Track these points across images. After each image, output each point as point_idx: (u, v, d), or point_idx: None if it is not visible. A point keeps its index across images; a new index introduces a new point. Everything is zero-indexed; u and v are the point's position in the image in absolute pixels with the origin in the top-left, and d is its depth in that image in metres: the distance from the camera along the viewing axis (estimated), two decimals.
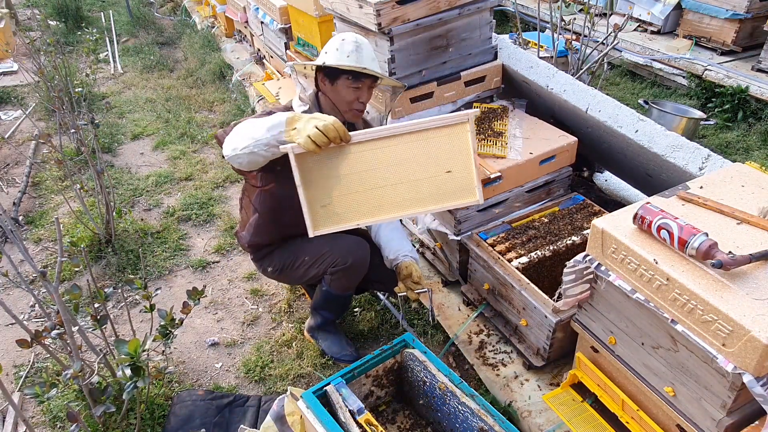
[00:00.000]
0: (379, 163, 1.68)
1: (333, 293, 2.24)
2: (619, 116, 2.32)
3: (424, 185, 1.72)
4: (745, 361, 1.29)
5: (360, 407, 1.71)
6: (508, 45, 2.90)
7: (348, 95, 2.01)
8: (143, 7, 7.83)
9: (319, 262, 2.17)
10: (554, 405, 2.00)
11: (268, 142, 1.69)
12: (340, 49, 1.97)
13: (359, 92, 2.01)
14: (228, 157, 1.79)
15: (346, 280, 2.19)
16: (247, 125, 1.76)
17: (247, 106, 4.77)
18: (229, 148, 1.76)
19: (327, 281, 2.21)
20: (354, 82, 1.98)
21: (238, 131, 1.77)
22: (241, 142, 1.73)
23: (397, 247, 2.27)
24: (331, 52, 1.99)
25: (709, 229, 1.49)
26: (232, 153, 1.76)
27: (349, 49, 1.96)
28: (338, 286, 2.21)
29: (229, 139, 1.78)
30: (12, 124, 4.73)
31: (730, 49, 4.57)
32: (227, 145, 1.78)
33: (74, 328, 1.87)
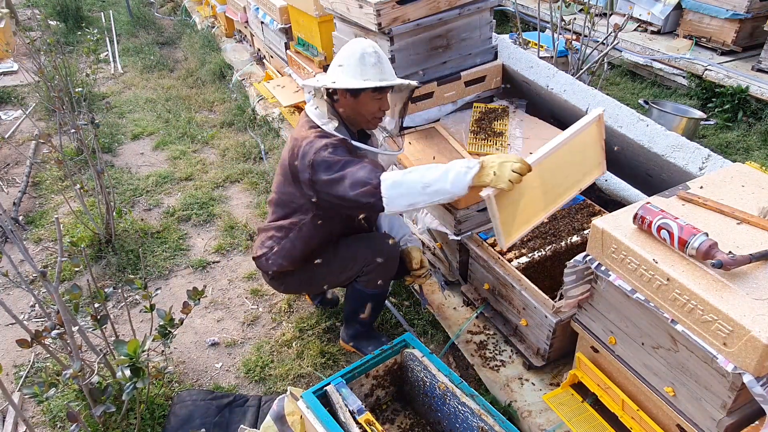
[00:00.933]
0: (546, 173, 1.88)
1: (369, 292, 2.23)
2: (619, 116, 2.32)
3: (573, 172, 2.00)
4: (745, 361, 1.29)
5: (360, 407, 1.71)
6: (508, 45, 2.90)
7: (372, 107, 2.01)
8: (143, 7, 7.83)
9: (351, 265, 2.17)
10: (554, 405, 2.00)
11: (455, 194, 1.76)
12: (362, 62, 1.94)
13: (381, 102, 2.02)
14: (397, 211, 1.84)
15: (381, 276, 2.19)
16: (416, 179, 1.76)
17: (247, 106, 4.77)
18: (404, 204, 1.80)
19: (362, 282, 2.21)
20: (378, 94, 1.99)
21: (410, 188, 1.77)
22: (423, 197, 1.77)
23: (398, 233, 2.33)
24: (351, 67, 1.95)
25: (709, 229, 1.49)
26: (407, 209, 1.82)
27: (372, 62, 1.94)
28: (373, 285, 2.21)
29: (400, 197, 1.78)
30: (12, 124, 4.73)
31: (730, 49, 4.57)
32: (398, 203, 1.79)
33: (74, 328, 1.87)
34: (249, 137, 4.39)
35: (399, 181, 1.77)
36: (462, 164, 1.74)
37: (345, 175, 1.84)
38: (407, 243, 2.35)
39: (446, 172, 1.74)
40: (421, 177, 1.77)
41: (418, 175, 1.77)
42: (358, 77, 1.94)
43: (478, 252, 2.34)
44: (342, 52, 2.00)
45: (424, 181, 1.76)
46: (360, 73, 1.94)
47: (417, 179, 1.77)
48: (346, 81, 1.95)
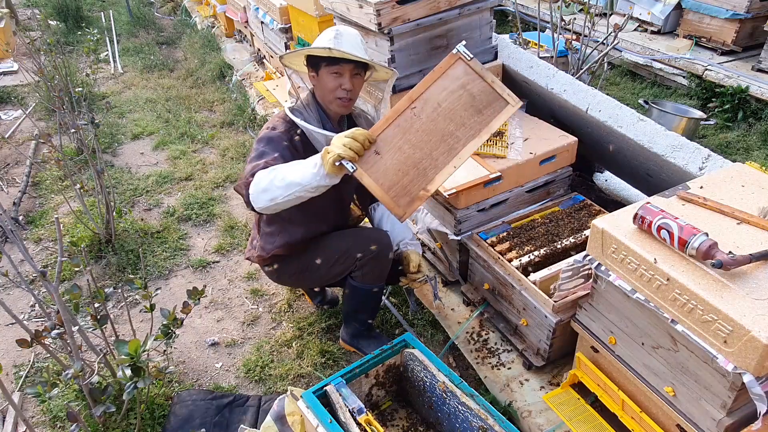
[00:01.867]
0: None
1: (364, 288, 2.23)
2: (619, 116, 2.32)
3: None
4: (745, 361, 1.29)
5: (360, 407, 1.71)
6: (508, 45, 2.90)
7: (329, 82, 1.97)
8: (143, 7, 7.83)
9: (343, 258, 2.16)
10: (554, 405, 2.00)
11: (311, 184, 1.74)
12: (321, 38, 1.99)
13: (341, 79, 1.97)
14: (263, 208, 1.82)
15: (376, 269, 2.18)
16: (278, 175, 1.77)
17: (247, 106, 4.77)
18: (265, 200, 1.79)
19: (356, 278, 2.20)
20: (333, 68, 1.95)
21: (270, 183, 1.77)
22: (281, 191, 1.77)
23: (400, 236, 2.32)
24: (314, 44, 2.00)
25: (709, 229, 1.49)
26: (270, 204, 1.80)
27: (329, 37, 1.96)
28: (369, 279, 2.20)
29: (262, 192, 1.79)
30: (12, 124, 4.73)
31: (730, 49, 4.57)
32: (261, 198, 1.80)
33: (74, 328, 1.87)
34: (249, 137, 4.39)
35: (261, 177, 1.79)
36: (310, 158, 1.76)
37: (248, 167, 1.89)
38: (407, 246, 2.33)
39: (301, 164, 1.77)
40: (279, 172, 1.78)
41: (277, 172, 1.79)
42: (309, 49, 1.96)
43: (478, 252, 2.34)
44: None
45: (281, 175, 1.77)
46: (313, 46, 1.96)
47: (275, 175, 1.78)
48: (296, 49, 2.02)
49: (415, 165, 1.78)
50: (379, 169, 1.75)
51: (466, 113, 1.81)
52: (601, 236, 1.62)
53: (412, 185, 1.78)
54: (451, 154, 1.79)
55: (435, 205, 2.53)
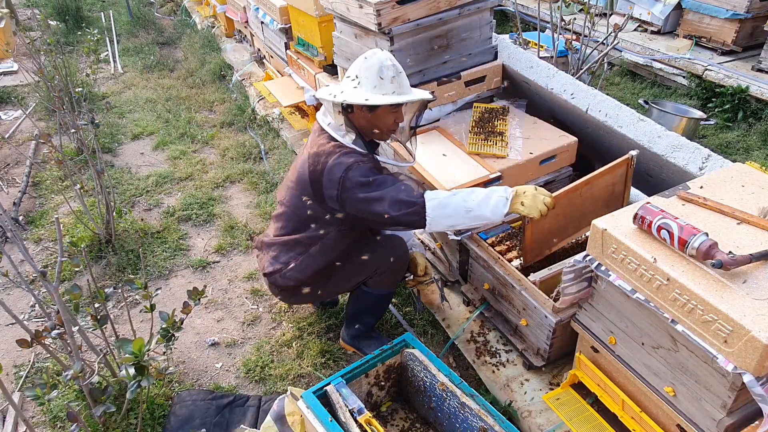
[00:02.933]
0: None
1: (376, 293, 2.24)
2: (619, 116, 2.32)
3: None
4: (746, 361, 1.29)
5: (360, 407, 1.71)
6: (508, 45, 2.90)
7: (388, 121, 2.01)
8: (143, 7, 7.83)
9: (363, 270, 2.17)
10: (554, 405, 2.00)
11: (493, 221, 1.91)
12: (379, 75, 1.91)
13: (397, 115, 2.02)
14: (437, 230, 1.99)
15: (391, 277, 2.21)
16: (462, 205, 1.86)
17: (247, 106, 4.77)
18: (446, 224, 1.91)
19: (371, 284, 2.21)
20: (394, 108, 1.98)
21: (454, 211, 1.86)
22: (465, 221, 1.89)
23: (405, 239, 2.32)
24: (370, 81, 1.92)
25: (709, 229, 1.49)
26: (447, 229, 1.97)
27: (391, 75, 1.92)
28: (383, 285, 2.22)
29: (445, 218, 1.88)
30: (12, 124, 4.73)
31: (730, 49, 4.57)
32: (441, 223, 1.89)
33: (74, 328, 1.87)
34: (249, 137, 4.39)
35: (444, 203, 1.86)
36: (501, 192, 1.87)
37: (384, 194, 1.88)
38: (412, 248, 2.37)
39: (487, 198, 1.86)
40: (464, 201, 1.87)
41: (461, 199, 1.87)
42: (377, 92, 1.92)
43: (478, 252, 2.34)
44: (359, 65, 1.96)
45: (467, 206, 1.86)
46: (379, 88, 1.92)
47: (460, 203, 1.86)
48: (366, 96, 1.92)
49: (558, 230, 2.09)
50: (538, 224, 2.01)
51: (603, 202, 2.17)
52: (601, 236, 1.62)
53: (546, 244, 2.13)
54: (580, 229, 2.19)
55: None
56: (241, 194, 3.71)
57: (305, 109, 4.08)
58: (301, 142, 4.12)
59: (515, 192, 1.87)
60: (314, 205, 2.04)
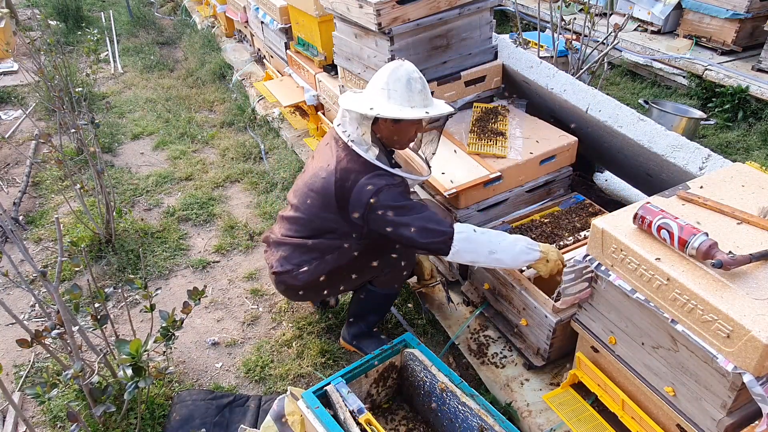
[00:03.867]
0: None
1: (381, 292, 2.24)
2: (619, 116, 2.32)
3: None
4: (746, 361, 1.29)
5: (360, 407, 1.71)
6: (508, 45, 2.90)
7: (411, 132, 2.05)
8: (143, 7, 7.82)
9: (368, 271, 2.17)
10: (554, 405, 2.00)
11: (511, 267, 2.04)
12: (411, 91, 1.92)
13: (419, 127, 2.06)
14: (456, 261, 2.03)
15: (397, 276, 2.22)
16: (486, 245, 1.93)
17: (247, 106, 4.77)
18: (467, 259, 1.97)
19: (377, 283, 2.22)
20: (418, 120, 2.01)
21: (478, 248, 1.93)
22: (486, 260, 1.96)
23: None
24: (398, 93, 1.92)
25: (709, 229, 1.49)
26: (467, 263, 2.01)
27: (418, 89, 1.94)
28: (388, 285, 2.23)
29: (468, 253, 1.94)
30: (12, 124, 4.73)
31: (730, 48, 4.57)
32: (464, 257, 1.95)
33: (74, 328, 1.87)
34: (249, 137, 4.39)
35: (471, 239, 1.92)
36: (527, 245, 1.96)
37: (413, 221, 1.91)
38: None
39: (513, 245, 1.94)
40: (490, 242, 1.93)
41: (488, 239, 1.93)
42: (405, 104, 1.93)
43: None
44: (386, 76, 1.94)
45: (492, 248, 1.93)
46: (407, 100, 1.93)
47: (486, 243, 1.92)
48: (397, 109, 1.92)
49: None
50: None
51: None
52: (601, 236, 1.62)
53: None
54: None
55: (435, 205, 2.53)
56: (241, 194, 3.71)
57: (305, 109, 4.08)
58: (300, 142, 4.12)
59: (541, 251, 1.96)
60: (336, 218, 2.03)
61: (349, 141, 1.99)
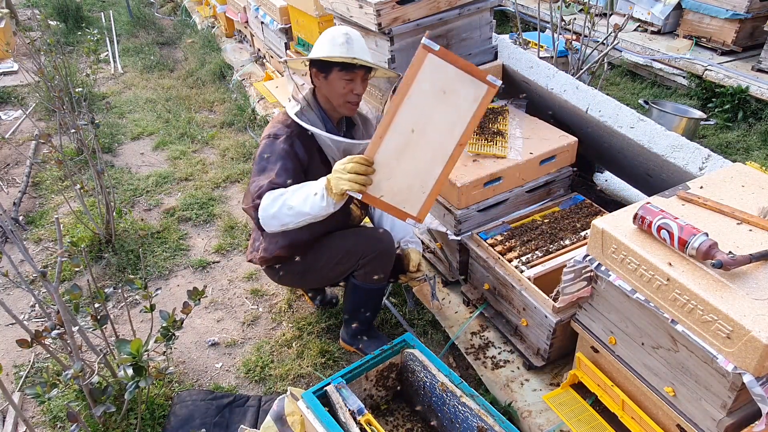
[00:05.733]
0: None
1: (365, 287, 2.23)
2: (619, 116, 2.32)
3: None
4: (746, 361, 1.29)
5: (360, 407, 1.71)
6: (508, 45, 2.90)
7: (341, 88, 2.00)
8: (143, 7, 7.83)
9: (346, 258, 2.17)
10: (554, 405, 2.00)
11: (319, 214, 1.80)
12: (331, 42, 1.98)
13: (352, 84, 2.00)
14: (275, 231, 1.91)
15: (378, 268, 2.19)
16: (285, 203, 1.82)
17: (247, 106, 4.77)
18: (276, 225, 1.87)
19: (358, 277, 2.20)
20: (346, 74, 1.98)
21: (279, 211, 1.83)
22: (290, 218, 1.84)
23: (400, 234, 2.33)
24: (322, 46, 2.00)
25: (709, 229, 1.49)
26: (281, 229, 1.89)
27: (340, 41, 1.96)
28: (371, 278, 2.21)
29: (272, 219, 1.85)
30: (12, 124, 4.73)
31: (730, 49, 4.57)
32: (271, 224, 1.87)
33: (74, 328, 1.87)
34: (249, 137, 4.39)
35: (270, 204, 1.84)
36: (316, 187, 1.78)
37: (254, 182, 1.92)
38: (408, 244, 2.35)
39: (307, 194, 1.80)
40: (287, 200, 1.83)
41: (285, 198, 1.84)
42: (323, 53, 1.96)
43: (478, 252, 2.34)
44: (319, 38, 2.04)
45: (289, 204, 1.82)
46: (327, 52, 1.96)
47: (283, 202, 1.83)
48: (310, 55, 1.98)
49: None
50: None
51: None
52: (601, 236, 1.62)
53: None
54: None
55: (435, 205, 2.53)
56: (241, 194, 3.71)
57: None
58: None
59: (326, 179, 1.75)
60: None
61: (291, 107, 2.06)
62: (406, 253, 2.31)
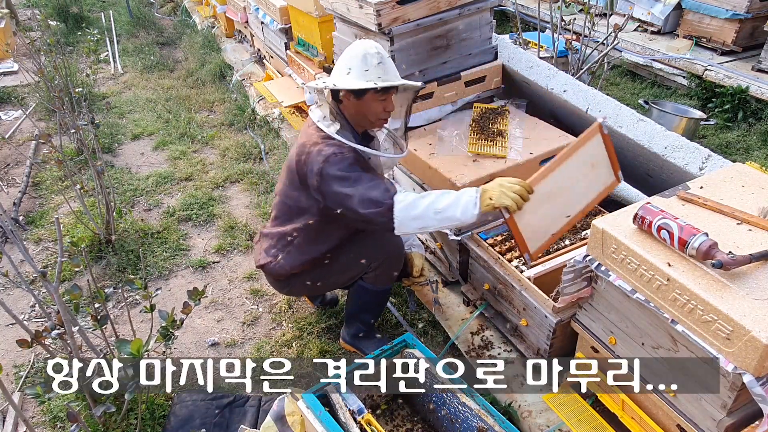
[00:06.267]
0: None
1: (374, 289, 2.24)
2: (619, 116, 2.32)
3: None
4: (746, 361, 1.29)
5: (360, 407, 1.71)
6: (509, 45, 2.91)
7: (376, 108, 2.00)
8: (143, 7, 7.83)
9: (358, 265, 2.17)
10: (554, 405, 2.00)
11: (466, 221, 1.85)
12: (364, 62, 1.93)
13: (386, 103, 2.01)
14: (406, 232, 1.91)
15: (387, 272, 2.20)
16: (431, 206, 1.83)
17: (247, 106, 4.77)
18: (415, 226, 1.88)
19: (367, 280, 2.21)
20: (382, 95, 1.98)
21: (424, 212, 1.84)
22: (435, 222, 1.85)
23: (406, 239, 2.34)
24: (354, 68, 1.94)
25: (709, 229, 1.49)
26: (418, 231, 1.96)
27: (375, 63, 1.93)
28: (379, 281, 2.22)
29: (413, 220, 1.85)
30: (12, 124, 4.73)
31: (730, 49, 4.57)
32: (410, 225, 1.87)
33: (74, 328, 1.87)
34: (249, 137, 4.39)
35: (412, 204, 1.84)
36: (471, 193, 1.83)
37: (355, 191, 1.88)
38: (411, 248, 2.36)
39: (457, 199, 1.83)
40: (433, 203, 1.84)
41: (430, 201, 1.84)
42: (361, 78, 1.93)
43: (478, 252, 2.34)
44: (344, 54, 1.99)
45: (436, 207, 1.83)
46: (362, 74, 1.93)
47: (429, 204, 1.84)
48: (349, 82, 1.94)
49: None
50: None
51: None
52: (601, 236, 1.62)
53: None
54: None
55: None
56: (241, 194, 3.71)
57: (305, 109, 4.08)
58: None
59: (482, 188, 1.83)
60: (300, 194, 2.07)
61: (317, 120, 2.03)
62: (409, 257, 2.33)
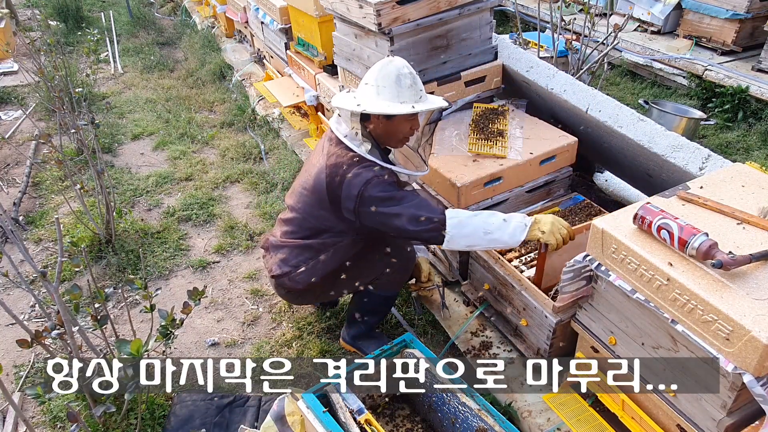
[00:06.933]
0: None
1: (383, 294, 2.24)
2: (619, 116, 2.32)
3: None
4: (746, 361, 1.29)
5: (360, 407, 1.71)
6: (509, 45, 2.90)
7: (405, 128, 2.02)
8: (143, 7, 7.83)
9: (367, 273, 2.17)
10: (554, 405, 2.00)
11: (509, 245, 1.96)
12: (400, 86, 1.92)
13: (413, 123, 2.03)
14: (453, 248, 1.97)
15: (397, 279, 2.22)
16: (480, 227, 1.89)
17: (247, 106, 4.77)
18: (464, 244, 1.94)
19: (377, 286, 2.21)
20: (411, 116, 1.98)
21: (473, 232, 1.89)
22: (482, 242, 1.92)
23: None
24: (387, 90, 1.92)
25: (709, 229, 1.49)
26: (465, 248, 2.02)
27: (408, 84, 1.92)
28: (388, 287, 2.22)
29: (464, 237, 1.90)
30: (12, 124, 4.73)
31: (730, 49, 4.57)
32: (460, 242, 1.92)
33: (74, 328, 1.87)
34: (249, 137, 4.39)
35: (464, 223, 1.89)
36: (520, 219, 1.91)
37: (403, 210, 1.90)
38: (417, 253, 2.37)
39: (507, 223, 1.89)
40: (484, 223, 1.89)
41: (481, 221, 1.89)
42: (395, 100, 1.92)
43: (479, 252, 2.34)
44: (376, 72, 1.95)
45: (486, 228, 1.89)
46: (396, 96, 1.92)
47: (480, 224, 1.88)
48: (384, 105, 1.91)
49: None
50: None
51: None
52: (601, 236, 1.62)
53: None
54: None
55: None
56: (241, 194, 3.71)
57: (305, 109, 4.08)
58: (300, 142, 4.12)
59: (534, 219, 1.91)
60: (329, 215, 2.04)
61: (343, 137, 2.01)
62: (417, 263, 2.35)
